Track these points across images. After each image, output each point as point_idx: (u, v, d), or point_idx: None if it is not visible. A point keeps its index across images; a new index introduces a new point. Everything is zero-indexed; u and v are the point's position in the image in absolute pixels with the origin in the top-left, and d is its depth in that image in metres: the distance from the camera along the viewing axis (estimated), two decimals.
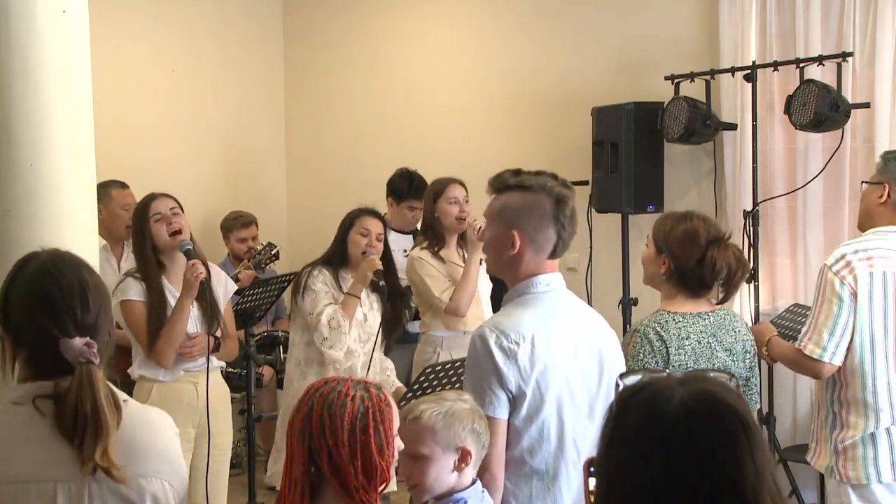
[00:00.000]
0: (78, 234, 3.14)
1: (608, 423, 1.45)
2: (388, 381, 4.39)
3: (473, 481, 2.44)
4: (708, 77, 5.05)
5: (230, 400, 4.24)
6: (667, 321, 3.02)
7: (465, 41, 6.30)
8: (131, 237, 4.12)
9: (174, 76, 6.36)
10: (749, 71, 4.90)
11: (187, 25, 6.46)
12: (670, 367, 2.93)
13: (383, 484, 2.05)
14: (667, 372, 1.60)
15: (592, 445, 1.49)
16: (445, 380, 3.51)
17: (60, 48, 3.17)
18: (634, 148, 5.14)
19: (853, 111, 4.64)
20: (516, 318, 2.56)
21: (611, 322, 2.82)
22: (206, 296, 3.91)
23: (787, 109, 4.64)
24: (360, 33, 6.68)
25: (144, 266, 3.91)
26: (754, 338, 3.37)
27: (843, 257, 3.32)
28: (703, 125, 4.96)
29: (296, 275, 4.41)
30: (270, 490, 4.67)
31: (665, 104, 5.06)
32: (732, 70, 5.01)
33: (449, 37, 6.39)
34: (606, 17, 5.68)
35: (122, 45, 5.97)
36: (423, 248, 4.66)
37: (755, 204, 4.89)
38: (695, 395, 1.39)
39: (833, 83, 4.60)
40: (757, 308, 4.83)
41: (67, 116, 3.20)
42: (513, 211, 2.59)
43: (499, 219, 2.62)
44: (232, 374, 5.00)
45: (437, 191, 4.69)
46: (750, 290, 4.85)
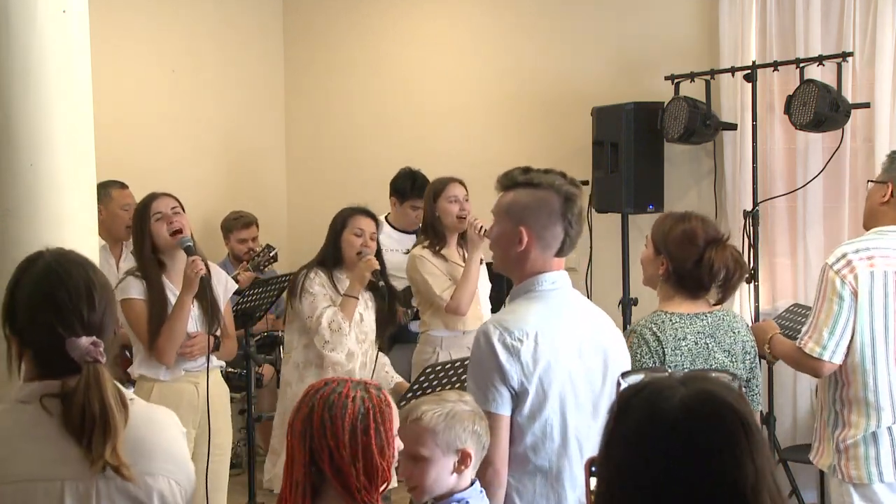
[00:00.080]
0: (78, 234, 3.13)
1: (609, 422, 1.45)
2: (387, 377, 4.38)
3: (473, 482, 2.44)
4: (708, 77, 5.05)
5: (230, 400, 4.24)
6: (664, 322, 3.02)
7: (465, 41, 6.30)
8: (132, 236, 4.12)
9: (174, 76, 6.36)
10: (749, 71, 4.90)
11: (187, 25, 6.46)
12: (667, 368, 2.93)
13: (384, 484, 2.05)
14: (668, 371, 1.60)
15: (596, 444, 1.48)
16: (445, 380, 3.50)
17: (60, 48, 3.17)
18: (634, 148, 5.14)
19: (853, 111, 4.63)
20: (520, 315, 2.56)
21: None
22: (206, 294, 3.91)
23: (787, 109, 4.64)
24: (360, 33, 6.68)
25: (145, 265, 3.92)
26: (756, 335, 3.37)
27: (843, 256, 3.32)
28: (703, 125, 4.96)
29: (292, 276, 4.40)
30: (270, 491, 4.66)
31: (665, 104, 5.06)
32: (732, 70, 5.01)
33: (449, 37, 6.39)
34: (606, 17, 5.68)
35: (122, 45, 5.96)
36: (424, 247, 4.66)
37: (755, 204, 4.88)
38: (695, 394, 1.39)
39: (833, 83, 4.60)
40: (757, 308, 4.83)
41: (67, 116, 3.20)
42: (521, 208, 2.59)
43: (507, 215, 2.61)
44: (232, 374, 5.00)
45: (437, 190, 4.69)
46: (750, 290, 4.85)
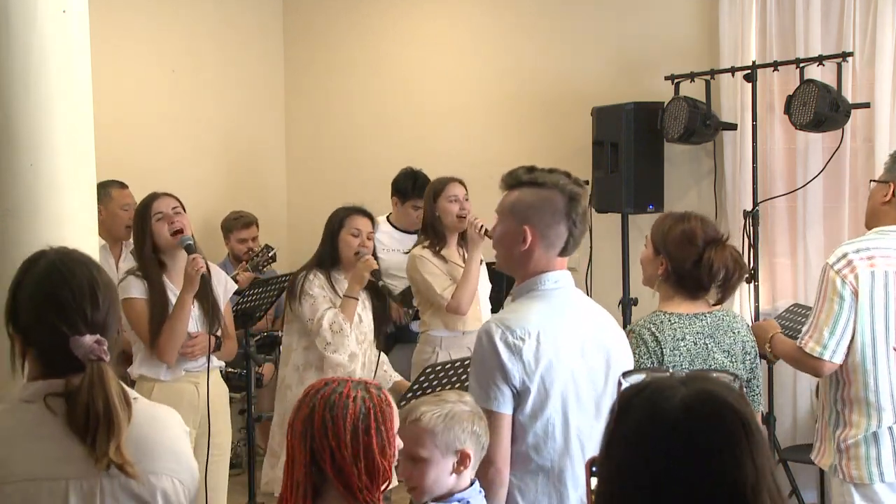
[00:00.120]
0: (78, 234, 3.12)
1: (610, 422, 1.45)
2: (385, 376, 4.37)
3: (472, 482, 2.44)
4: (708, 77, 5.05)
5: (229, 400, 4.24)
6: (662, 322, 3.02)
7: (465, 41, 6.30)
8: (132, 235, 4.12)
9: (174, 76, 6.36)
10: (749, 71, 4.89)
11: (187, 25, 6.46)
12: (668, 368, 2.93)
13: (386, 483, 2.04)
14: (670, 371, 1.60)
15: (598, 444, 1.48)
16: (445, 380, 3.50)
17: (60, 48, 3.16)
18: (634, 148, 5.14)
19: (853, 111, 4.63)
20: (522, 314, 2.55)
21: None
22: (206, 293, 3.91)
23: (787, 109, 4.64)
24: (360, 33, 6.68)
25: (145, 264, 3.92)
26: (757, 334, 3.37)
27: (844, 256, 3.32)
28: (703, 125, 4.96)
29: (291, 278, 4.39)
30: (270, 493, 4.65)
31: (665, 104, 5.06)
32: (732, 70, 5.00)
33: (449, 37, 6.39)
34: (606, 17, 5.68)
35: (122, 45, 5.96)
36: (424, 247, 4.65)
37: (755, 204, 4.88)
38: (696, 394, 1.39)
39: (833, 83, 4.60)
40: (757, 308, 4.83)
41: (67, 116, 3.19)
42: (525, 206, 2.59)
43: (511, 214, 2.61)
44: (232, 374, 5.00)
45: (436, 189, 4.69)
46: (750, 290, 4.85)
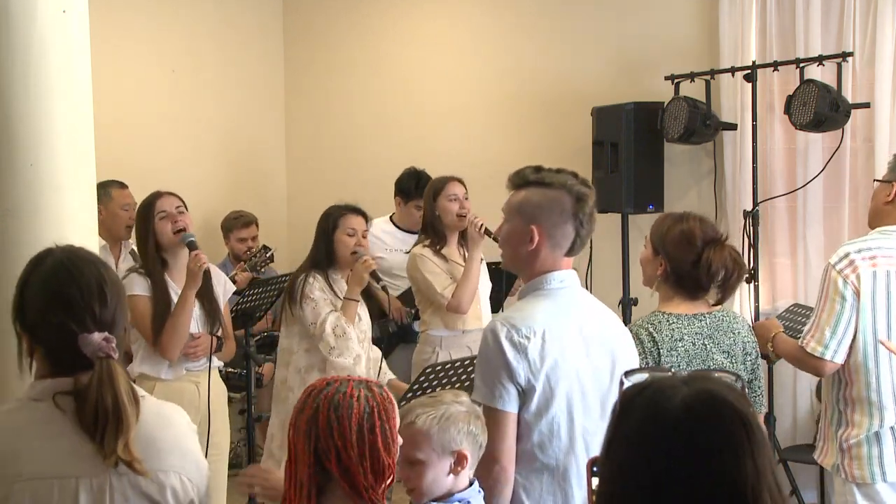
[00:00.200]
0: (78, 234, 3.11)
1: (611, 421, 1.45)
2: (382, 375, 4.35)
3: (471, 482, 2.44)
4: (708, 77, 5.05)
5: (230, 400, 4.24)
6: (660, 322, 3.02)
7: (465, 41, 6.30)
8: (135, 233, 4.13)
9: (174, 76, 6.36)
10: (749, 71, 4.90)
11: (187, 25, 6.45)
12: (670, 368, 2.92)
13: (390, 480, 2.04)
14: (672, 371, 1.60)
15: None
16: (445, 380, 3.49)
17: (60, 48, 3.17)
18: (634, 148, 5.14)
19: (853, 111, 4.63)
20: (528, 313, 2.56)
21: None
22: (208, 292, 3.93)
23: (787, 109, 4.64)
24: (360, 33, 6.68)
25: (148, 262, 3.94)
26: (759, 333, 3.37)
27: (846, 256, 3.31)
28: (703, 125, 4.96)
29: (289, 280, 4.37)
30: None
31: (665, 104, 5.06)
32: (732, 70, 5.01)
33: (449, 37, 6.39)
34: (606, 17, 5.68)
35: (122, 45, 5.96)
36: (425, 246, 4.65)
37: (755, 204, 4.88)
38: (696, 394, 1.39)
39: (833, 83, 4.60)
40: (757, 308, 4.83)
41: (67, 116, 3.19)
42: (533, 206, 2.59)
43: (518, 214, 2.62)
44: (232, 374, 5.00)
45: (436, 189, 4.68)
46: (750, 290, 4.85)
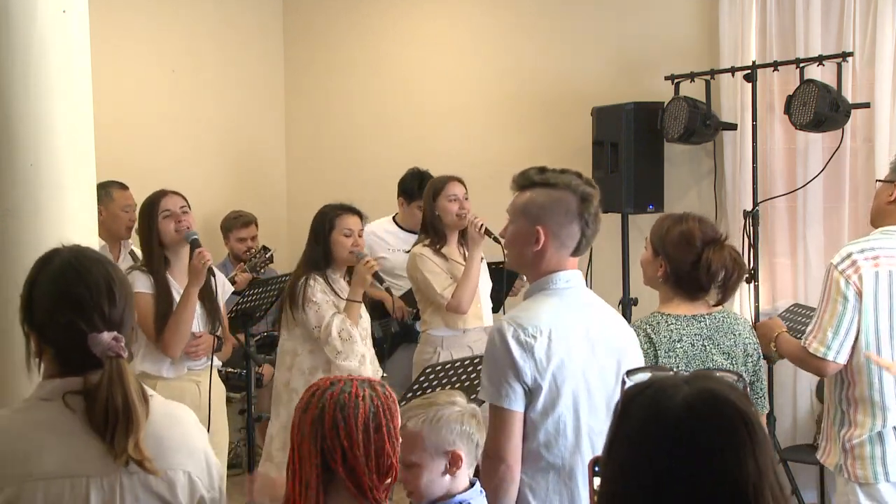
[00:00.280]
0: (78, 234, 3.10)
1: (613, 421, 1.45)
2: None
3: (473, 483, 2.43)
4: (708, 77, 5.05)
5: (229, 399, 4.25)
6: (658, 323, 3.03)
7: (465, 41, 6.30)
8: (138, 230, 4.14)
9: (174, 76, 6.36)
10: (749, 71, 4.89)
11: (187, 25, 6.45)
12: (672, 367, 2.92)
13: (392, 478, 2.04)
14: (674, 370, 1.60)
15: None
16: (445, 380, 3.49)
17: (60, 48, 3.16)
18: (634, 148, 5.14)
19: (853, 111, 4.63)
20: (534, 312, 2.57)
21: None
22: (210, 291, 3.95)
23: (787, 109, 4.64)
24: (360, 33, 6.68)
25: (151, 259, 3.95)
26: (762, 332, 3.36)
27: (849, 256, 3.31)
28: (703, 125, 4.96)
29: (289, 283, 4.34)
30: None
31: (665, 104, 5.06)
32: (732, 70, 5.00)
33: (449, 37, 6.39)
34: (606, 17, 5.68)
35: (122, 45, 5.96)
36: (425, 246, 4.66)
37: (755, 204, 4.88)
38: (698, 393, 1.39)
39: (833, 83, 4.60)
40: (757, 308, 4.83)
41: (67, 116, 3.19)
42: (538, 207, 2.60)
43: (523, 215, 2.63)
44: (231, 374, 5.00)
45: (436, 189, 4.68)
46: (750, 290, 4.85)
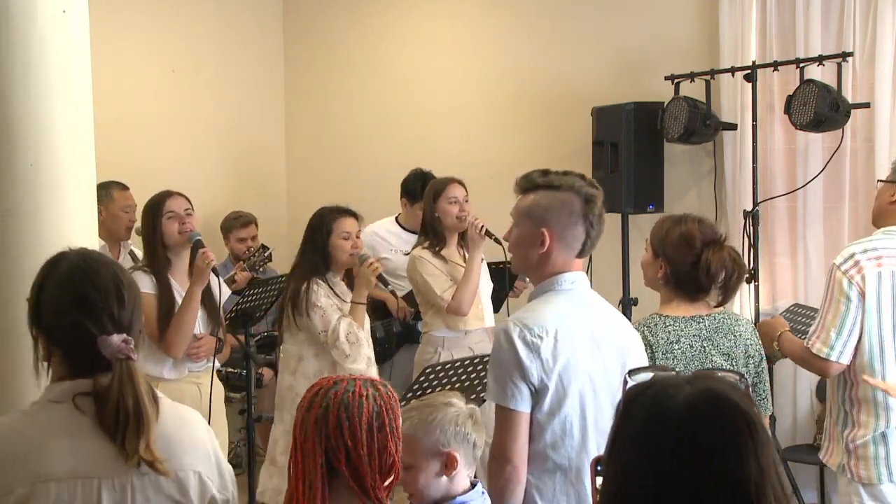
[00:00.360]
0: (78, 234, 3.11)
1: (615, 421, 1.45)
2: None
3: (474, 484, 2.43)
4: (708, 77, 5.05)
5: (230, 400, 4.25)
6: (657, 324, 3.03)
7: (465, 41, 6.30)
8: (142, 230, 4.14)
9: (174, 76, 6.36)
10: (749, 71, 4.89)
11: (187, 25, 6.46)
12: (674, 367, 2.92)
13: (393, 477, 2.04)
14: (675, 370, 1.60)
15: None
16: (445, 380, 3.49)
17: (60, 48, 3.16)
18: (634, 148, 5.14)
19: (853, 111, 4.63)
20: (540, 313, 2.58)
21: None
22: (211, 293, 3.95)
23: (787, 109, 4.64)
24: (360, 33, 6.68)
25: (154, 260, 3.96)
26: (764, 332, 3.36)
27: (851, 256, 3.31)
28: (703, 125, 4.96)
29: (291, 288, 4.32)
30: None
31: (665, 104, 5.06)
32: (732, 70, 5.00)
33: (449, 37, 6.39)
34: (606, 17, 5.68)
35: (122, 45, 5.96)
36: (424, 248, 4.65)
37: (755, 204, 4.88)
38: (699, 393, 1.39)
39: (833, 83, 4.60)
40: (757, 308, 4.83)
41: (67, 116, 3.19)
42: (542, 209, 2.60)
43: (527, 217, 2.63)
44: (231, 375, 4.99)
45: (436, 190, 4.68)
46: (750, 290, 4.85)
